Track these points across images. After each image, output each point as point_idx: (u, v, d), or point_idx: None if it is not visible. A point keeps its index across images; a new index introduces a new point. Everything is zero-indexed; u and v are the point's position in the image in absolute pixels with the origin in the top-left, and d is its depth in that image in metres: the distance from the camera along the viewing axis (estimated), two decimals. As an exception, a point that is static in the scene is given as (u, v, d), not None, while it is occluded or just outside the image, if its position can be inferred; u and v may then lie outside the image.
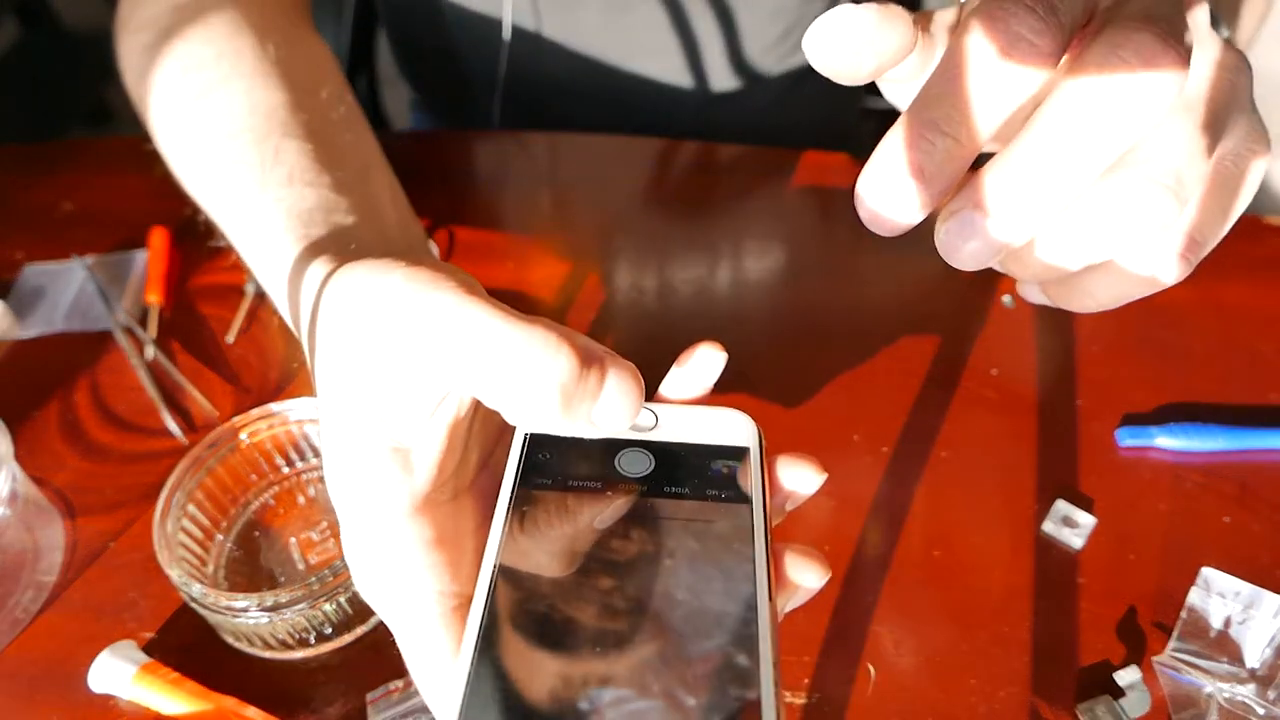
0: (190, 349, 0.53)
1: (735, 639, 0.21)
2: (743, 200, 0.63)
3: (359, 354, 0.24)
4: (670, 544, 0.24)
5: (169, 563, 0.38)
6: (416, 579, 0.24)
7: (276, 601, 0.36)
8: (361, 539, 0.25)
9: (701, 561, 0.23)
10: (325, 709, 0.38)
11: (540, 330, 0.23)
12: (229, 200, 0.41)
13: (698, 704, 0.20)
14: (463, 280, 0.24)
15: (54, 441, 0.48)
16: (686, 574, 0.23)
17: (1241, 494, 0.45)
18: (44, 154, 0.67)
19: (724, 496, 0.25)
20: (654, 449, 0.26)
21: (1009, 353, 0.52)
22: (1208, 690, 0.37)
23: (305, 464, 0.46)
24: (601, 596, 0.22)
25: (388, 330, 0.24)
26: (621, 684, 0.21)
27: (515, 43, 0.68)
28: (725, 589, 0.22)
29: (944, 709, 0.38)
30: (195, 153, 0.43)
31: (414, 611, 0.24)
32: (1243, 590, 0.39)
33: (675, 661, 0.21)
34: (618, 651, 0.21)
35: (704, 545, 0.24)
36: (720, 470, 0.26)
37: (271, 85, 0.43)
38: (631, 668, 0.21)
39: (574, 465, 0.25)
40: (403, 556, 0.24)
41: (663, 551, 0.23)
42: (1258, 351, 0.52)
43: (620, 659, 0.21)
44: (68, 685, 0.38)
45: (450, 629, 0.24)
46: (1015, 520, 0.44)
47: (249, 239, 0.39)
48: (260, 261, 0.39)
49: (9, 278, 0.57)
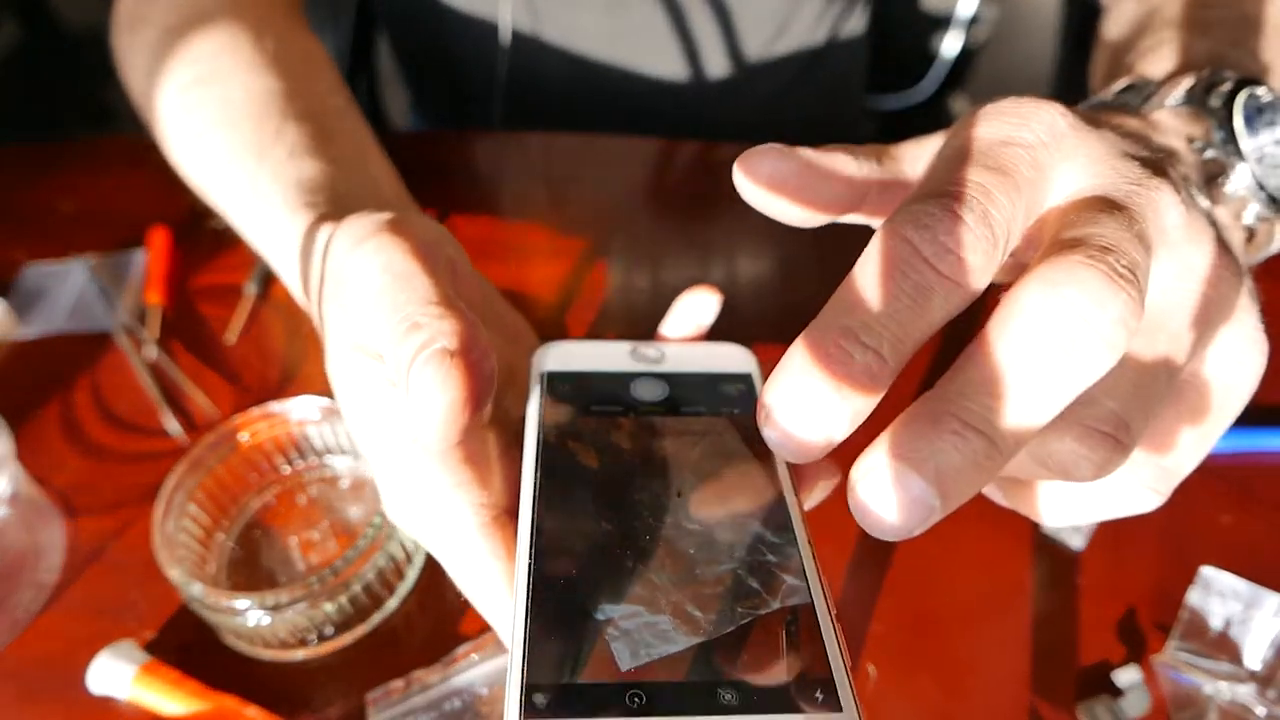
0: (190, 349, 0.53)
1: (773, 528, 0.23)
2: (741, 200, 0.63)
3: (368, 290, 0.25)
4: (694, 454, 0.25)
5: (169, 563, 0.38)
6: (454, 495, 0.25)
7: (277, 601, 0.36)
8: (395, 470, 0.26)
9: (727, 467, 0.25)
10: (325, 709, 0.38)
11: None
12: (230, 178, 0.42)
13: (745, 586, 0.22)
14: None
15: (54, 441, 0.48)
16: (715, 479, 0.24)
17: (1241, 494, 0.45)
18: (44, 154, 0.67)
19: (736, 412, 0.27)
20: (665, 377, 0.28)
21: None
22: (1207, 690, 0.37)
23: (305, 464, 0.46)
24: (642, 504, 0.23)
25: (388, 267, 0.25)
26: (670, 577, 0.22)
27: (514, 45, 0.68)
28: (754, 489, 0.24)
29: (944, 709, 0.38)
30: (195, 138, 0.44)
31: (457, 525, 0.25)
32: (1243, 590, 0.39)
33: (721, 557, 0.22)
34: (668, 551, 0.22)
35: (725, 453, 0.25)
36: (729, 391, 0.28)
37: (269, 74, 0.44)
38: (680, 563, 0.22)
39: (592, 394, 0.27)
40: (438, 477, 0.25)
41: (689, 461, 0.25)
42: (1257, 351, 0.52)
43: (670, 557, 0.22)
44: (68, 685, 0.38)
45: (494, 537, 0.25)
46: (1014, 519, 0.44)
47: (251, 213, 0.41)
48: (263, 233, 0.40)
49: (9, 278, 0.57)
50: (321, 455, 0.46)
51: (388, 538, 0.39)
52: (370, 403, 0.26)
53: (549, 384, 0.27)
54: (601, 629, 0.20)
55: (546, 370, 0.28)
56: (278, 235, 0.38)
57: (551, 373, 0.28)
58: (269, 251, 0.40)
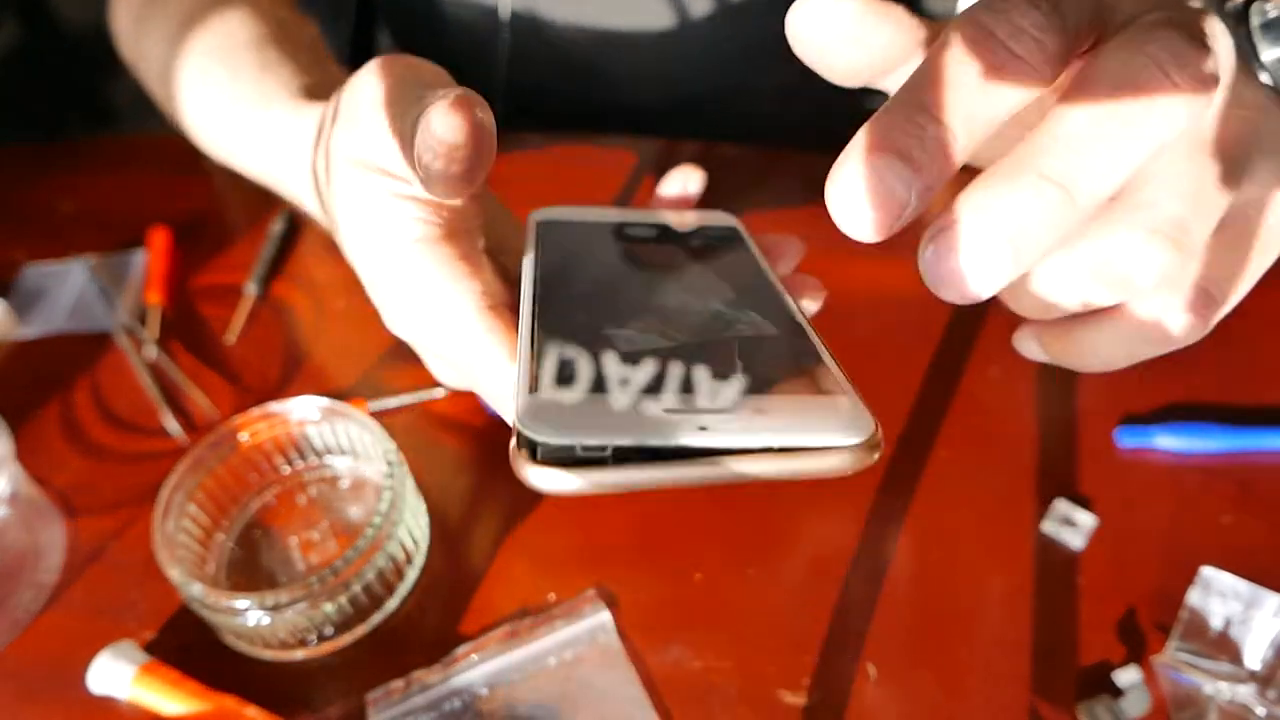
0: (190, 349, 0.53)
1: (762, 299, 0.26)
2: (743, 200, 0.63)
3: (373, 95, 0.28)
4: (684, 259, 0.29)
5: (169, 563, 0.38)
6: (452, 286, 0.27)
7: (277, 602, 0.36)
8: (394, 276, 0.28)
9: (717, 269, 0.28)
10: (325, 709, 0.38)
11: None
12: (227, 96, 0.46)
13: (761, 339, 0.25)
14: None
15: (54, 441, 0.48)
16: (707, 277, 0.28)
17: (1241, 494, 0.45)
18: (44, 154, 0.67)
19: (721, 242, 0.30)
20: (654, 225, 0.31)
21: (1009, 352, 0.52)
22: (1207, 690, 0.37)
23: (305, 464, 0.46)
24: (642, 294, 0.26)
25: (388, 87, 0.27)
26: (663, 320, 0.24)
27: (513, 44, 0.68)
28: (746, 283, 0.27)
29: (944, 709, 0.38)
30: (189, 65, 0.47)
31: (458, 313, 0.27)
32: (1243, 590, 0.39)
33: (711, 308, 0.25)
34: (662, 307, 0.25)
35: (716, 260, 0.29)
36: (716, 236, 0.31)
37: (260, 18, 0.48)
38: (674, 314, 0.24)
39: (587, 232, 0.30)
40: (435, 272, 0.27)
41: (680, 263, 0.28)
42: (1258, 351, 0.52)
43: (664, 312, 0.25)
44: (68, 685, 0.38)
45: (494, 320, 0.27)
46: (1015, 520, 0.44)
47: (254, 123, 0.45)
48: (268, 136, 0.43)
49: (9, 278, 0.57)
50: (321, 455, 0.46)
51: (388, 538, 0.39)
52: (370, 212, 0.28)
53: (544, 229, 0.30)
54: (601, 343, 0.22)
55: (541, 219, 0.31)
56: (281, 130, 0.41)
57: (546, 220, 0.31)
58: (271, 154, 0.44)
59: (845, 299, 0.57)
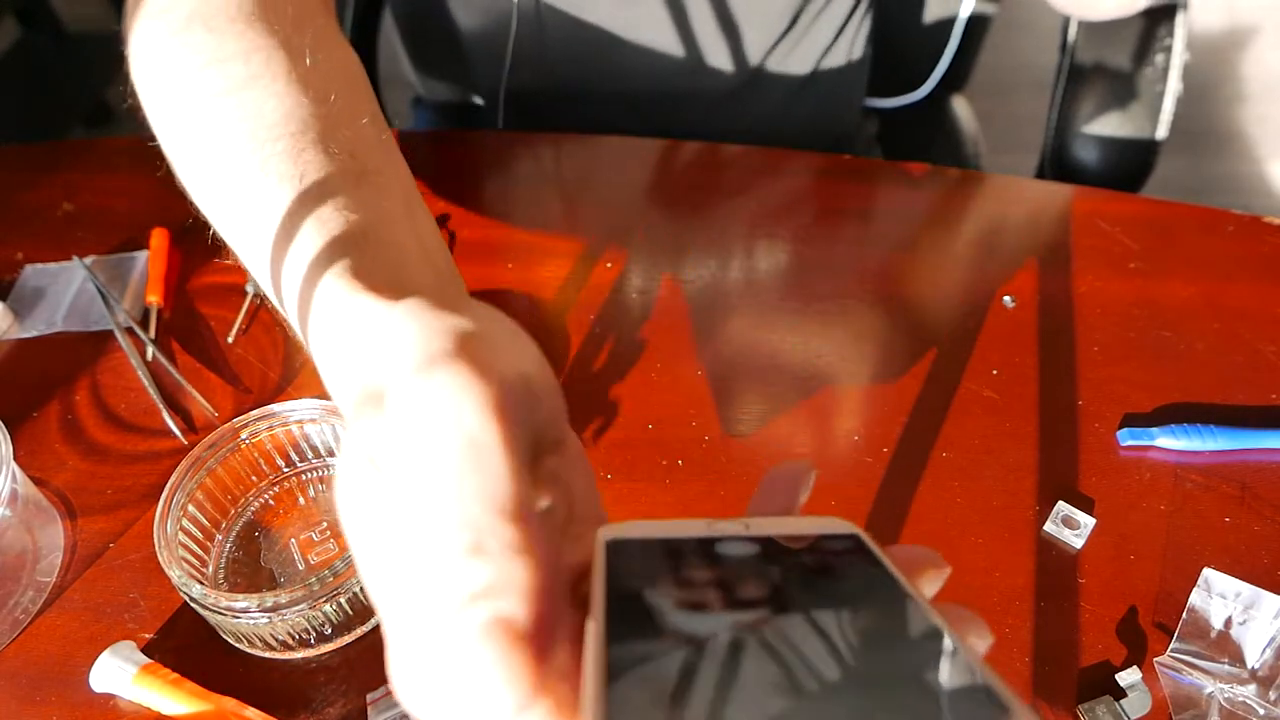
0: (190, 349, 0.53)
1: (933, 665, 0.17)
2: (745, 200, 0.63)
3: (432, 452, 0.20)
4: (797, 585, 0.20)
5: (169, 563, 0.38)
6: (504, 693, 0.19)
7: (277, 602, 0.36)
8: (418, 637, 0.20)
9: (840, 588, 0.20)
10: (325, 709, 0.38)
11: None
12: (250, 213, 0.35)
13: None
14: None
15: (54, 441, 0.48)
16: (830, 599, 0.20)
17: (1242, 494, 0.45)
18: (44, 154, 0.67)
19: (842, 554, 0.22)
20: (752, 540, 0.22)
21: (1009, 353, 0.52)
22: (1208, 691, 0.37)
23: (305, 464, 0.46)
24: (752, 656, 0.18)
25: None
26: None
27: (517, 43, 0.68)
28: (896, 630, 0.19)
29: (944, 709, 0.38)
30: (212, 156, 0.38)
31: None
32: (1243, 591, 0.39)
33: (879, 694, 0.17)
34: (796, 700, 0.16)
35: (835, 578, 0.21)
36: (834, 547, 0.22)
37: (307, 94, 0.38)
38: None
39: (668, 555, 0.22)
40: (484, 667, 0.19)
41: (792, 592, 0.20)
42: (1258, 351, 0.52)
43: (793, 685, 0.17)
44: (68, 685, 0.38)
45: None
46: (1016, 520, 0.44)
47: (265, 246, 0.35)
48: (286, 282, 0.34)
49: (9, 278, 0.57)
50: (321, 455, 0.46)
51: (388, 538, 0.39)
52: (393, 542, 0.21)
53: (615, 551, 0.21)
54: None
55: (610, 538, 0.22)
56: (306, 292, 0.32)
57: (617, 540, 0.22)
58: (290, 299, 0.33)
59: (846, 300, 0.57)
